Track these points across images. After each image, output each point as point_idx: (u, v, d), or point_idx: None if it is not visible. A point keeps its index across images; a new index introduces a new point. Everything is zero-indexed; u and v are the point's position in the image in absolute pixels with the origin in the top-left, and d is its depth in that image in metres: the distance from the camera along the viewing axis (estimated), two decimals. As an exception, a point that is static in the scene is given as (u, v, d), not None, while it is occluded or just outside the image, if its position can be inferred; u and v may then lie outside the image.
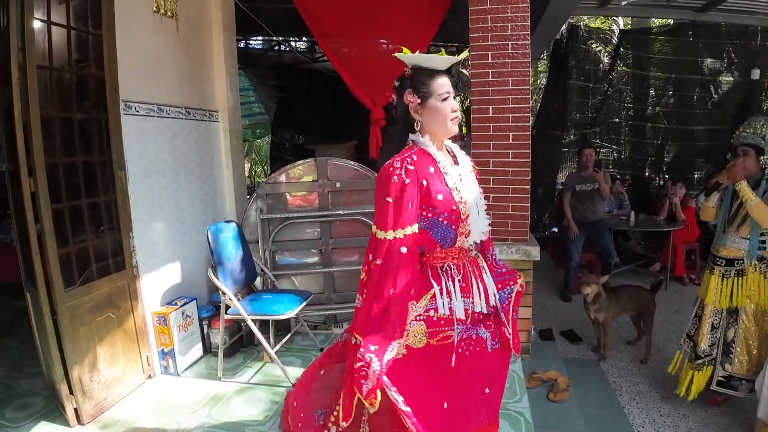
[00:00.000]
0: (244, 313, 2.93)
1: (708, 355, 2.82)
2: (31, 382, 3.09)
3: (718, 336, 2.80)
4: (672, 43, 7.03)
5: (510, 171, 3.18)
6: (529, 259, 3.20)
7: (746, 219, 2.72)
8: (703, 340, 2.83)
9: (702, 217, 3.16)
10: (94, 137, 2.76)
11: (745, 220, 2.73)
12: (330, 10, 4.12)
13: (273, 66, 8.47)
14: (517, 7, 3.09)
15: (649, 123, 7.33)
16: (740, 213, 2.75)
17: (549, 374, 3.08)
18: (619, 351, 3.76)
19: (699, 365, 2.84)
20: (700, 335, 2.85)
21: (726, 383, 2.77)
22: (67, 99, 2.66)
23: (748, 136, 2.78)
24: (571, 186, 5.12)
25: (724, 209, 2.87)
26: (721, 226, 2.89)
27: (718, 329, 2.80)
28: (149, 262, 3.08)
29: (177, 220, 3.36)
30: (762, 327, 2.71)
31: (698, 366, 2.84)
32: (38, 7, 2.43)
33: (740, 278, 2.73)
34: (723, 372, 2.77)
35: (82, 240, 2.69)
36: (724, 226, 2.85)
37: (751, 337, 2.71)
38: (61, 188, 2.56)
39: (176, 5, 3.32)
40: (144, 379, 3.05)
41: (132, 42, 2.94)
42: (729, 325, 2.76)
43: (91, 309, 2.69)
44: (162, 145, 3.21)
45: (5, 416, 2.70)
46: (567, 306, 4.97)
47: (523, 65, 3.11)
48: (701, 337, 2.84)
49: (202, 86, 3.67)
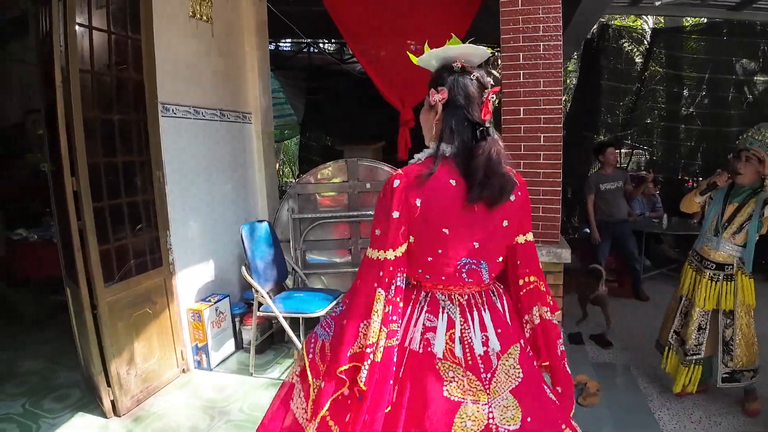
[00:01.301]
0: (276, 311, 2.98)
1: (695, 354, 2.90)
2: (68, 374, 3.21)
3: (705, 336, 2.88)
4: (705, 43, 6.84)
5: (541, 173, 3.16)
6: (560, 261, 3.16)
7: (743, 228, 2.76)
8: (689, 339, 2.90)
9: (682, 207, 3.17)
10: (133, 138, 2.86)
11: (741, 229, 2.77)
12: (359, 12, 4.16)
13: (302, 67, 8.57)
14: (549, 8, 3.07)
15: (683, 124, 7.15)
16: (736, 221, 2.77)
17: (578, 378, 3.04)
18: (650, 357, 3.69)
19: (687, 362, 2.92)
20: (688, 334, 2.92)
21: (730, 378, 2.86)
22: (107, 101, 2.76)
23: (755, 142, 2.75)
24: (594, 186, 4.98)
25: (715, 211, 2.90)
26: (711, 228, 2.91)
27: (705, 329, 2.88)
28: (184, 260, 3.17)
29: (211, 219, 3.44)
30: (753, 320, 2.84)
31: (687, 362, 2.93)
32: (80, 12, 2.53)
33: (728, 282, 2.81)
34: (726, 369, 2.85)
35: (122, 237, 2.79)
36: (716, 229, 2.87)
37: (748, 333, 2.82)
38: (102, 187, 2.66)
39: (212, 10, 3.41)
40: (178, 373, 3.14)
41: (169, 46, 3.03)
42: (726, 326, 2.82)
43: (128, 304, 2.79)
44: (197, 146, 3.30)
45: (43, 407, 2.81)
46: (597, 310, 4.88)
47: (555, 66, 3.09)
48: (688, 336, 2.91)
49: (236, 89, 3.75)
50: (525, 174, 3.17)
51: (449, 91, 1.36)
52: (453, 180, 1.33)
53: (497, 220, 1.41)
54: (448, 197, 1.33)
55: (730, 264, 2.80)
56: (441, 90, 1.36)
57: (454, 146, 1.35)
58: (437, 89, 1.37)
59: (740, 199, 2.79)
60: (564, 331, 3.66)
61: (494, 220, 1.40)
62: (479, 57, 1.42)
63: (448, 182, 1.33)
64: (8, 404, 2.85)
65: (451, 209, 1.34)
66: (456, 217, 1.35)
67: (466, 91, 1.36)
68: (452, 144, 1.35)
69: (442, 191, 1.33)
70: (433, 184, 1.32)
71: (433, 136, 1.42)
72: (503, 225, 1.43)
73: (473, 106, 1.36)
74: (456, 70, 1.38)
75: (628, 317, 4.63)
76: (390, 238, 1.32)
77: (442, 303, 1.41)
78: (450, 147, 1.35)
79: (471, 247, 1.39)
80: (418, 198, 1.31)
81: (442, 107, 1.37)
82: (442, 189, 1.33)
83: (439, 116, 1.38)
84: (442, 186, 1.33)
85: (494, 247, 1.44)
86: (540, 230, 3.22)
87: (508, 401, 1.38)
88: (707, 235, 2.92)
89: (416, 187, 1.31)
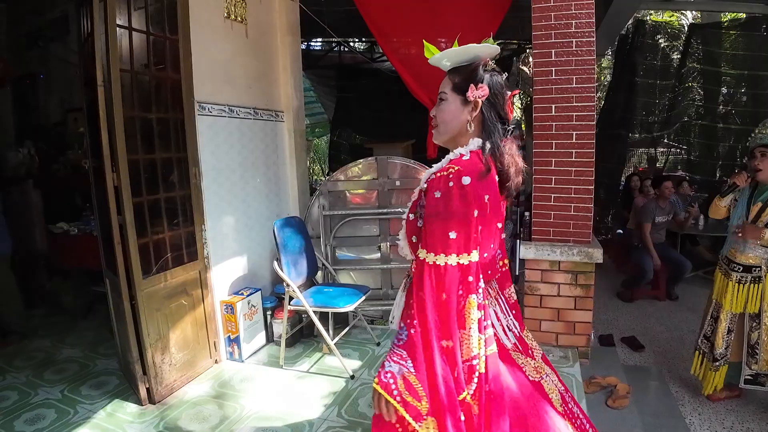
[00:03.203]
0: (307, 305, 3.04)
1: (723, 357, 2.88)
2: (106, 362, 3.34)
3: (732, 338, 2.86)
4: (744, 38, 6.62)
5: (573, 171, 3.13)
6: (592, 261, 3.14)
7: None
8: (719, 342, 2.87)
9: (710, 214, 3.13)
10: (170, 136, 2.95)
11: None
12: (390, 10, 4.18)
13: (333, 66, 8.65)
14: (582, 4, 3.04)
15: (721, 123, 6.94)
16: (762, 220, 2.73)
17: (608, 380, 3.00)
18: (683, 360, 3.61)
19: (717, 366, 2.90)
20: (717, 338, 2.88)
21: (753, 380, 2.85)
22: (146, 100, 2.85)
23: (765, 137, 2.67)
24: (651, 216, 5.04)
25: (740, 212, 2.86)
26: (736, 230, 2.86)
27: (733, 332, 2.86)
28: (219, 254, 3.25)
29: (244, 215, 3.52)
30: None
31: (716, 368, 2.90)
32: (120, 14, 2.61)
33: (756, 285, 2.76)
34: (749, 371, 2.83)
35: (159, 231, 2.88)
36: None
37: None
38: (141, 183, 2.74)
39: (246, 11, 3.48)
40: (211, 363, 3.22)
41: (205, 46, 3.11)
42: (752, 329, 2.80)
43: (165, 296, 2.88)
44: (232, 144, 3.38)
45: (81, 394, 2.93)
46: (629, 312, 4.81)
47: (588, 63, 3.05)
48: (718, 340, 2.88)
49: (269, 88, 3.82)
50: (556, 172, 3.16)
51: (489, 88, 1.37)
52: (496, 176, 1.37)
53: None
54: (496, 192, 1.37)
55: (757, 266, 2.76)
56: (481, 87, 1.36)
57: (491, 142, 1.37)
58: (476, 85, 1.37)
59: (764, 198, 2.74)
60: (595, 333, 3.62)
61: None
62: (490, 55, 1.45)
63: (494, 177, 1.36)
64: (48, 390, 2.97)
65: (499, 203, 1.40)
66: (501, 212, 1.43)
67: (502, 89, 1.40)
68: (491, 140, 1.37)
69: (495, 186, 1.36)
70: (490, 179, 1.34)
71: (470, 132, 1.41)
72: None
73: (504, 105, 1.41)
74: (489, 68, 1.41)
75: (662, 320, 4.54)
76: (473, 239, 1.27)
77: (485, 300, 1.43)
78: (489, 143, 1.37)
79: (500, 237, 1.49)
80: (486, 194, 1.31)
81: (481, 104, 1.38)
82: (494, 184, 1.36)
83: (478, 112, 1.38)
84: (494, 181, 1.36)
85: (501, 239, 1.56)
86: (571, 229, 3.21)
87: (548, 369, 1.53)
88: (733, 238, 2.87)
89: (482, 183, 1.30)
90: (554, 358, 3.20)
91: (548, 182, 3.18)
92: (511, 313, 1.54)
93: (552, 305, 3.29)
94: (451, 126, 1.44)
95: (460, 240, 1.25)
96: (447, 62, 1.44)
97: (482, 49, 1.39)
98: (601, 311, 4.69)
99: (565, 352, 3.25)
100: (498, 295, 1.52)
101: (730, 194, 2.94)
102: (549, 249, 3.19)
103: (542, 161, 3.19)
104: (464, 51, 1.40)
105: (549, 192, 3.19)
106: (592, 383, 2.98)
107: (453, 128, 1.44)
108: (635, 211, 5.30)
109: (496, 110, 1.39)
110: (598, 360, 3.34)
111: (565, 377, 2.94)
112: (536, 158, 3.21)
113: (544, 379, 1.48)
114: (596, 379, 3.02)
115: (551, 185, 3.17)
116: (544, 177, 3.20)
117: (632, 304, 5.00)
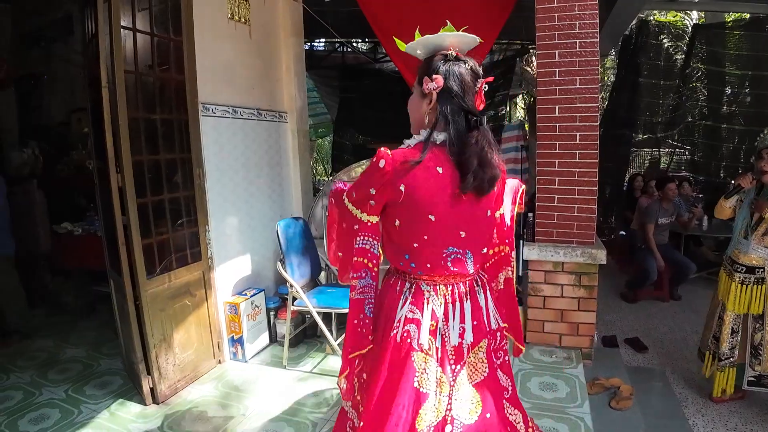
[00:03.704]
0: (310, 306, 3.04)
1: (728, 358, 2.88)
2: (109, 362, 3.34)
3: (738, 340, 2.86)
4: (748, 38, 6.61)
5: (576, 172, 3.13)
6: (595, 262, 3.13)
7: None
8: (724, 342, 2.87)
9: (716, 214, 3.13)
10: (174, 137, 2.95)
11: None
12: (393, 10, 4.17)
13: (336, 67, 8.66)
14: (585, 5, 3.04)
15: (725, 123, 6.92)
16: (765, 222, 2.73)
17: (611, 381, 3.00)
18: (687, 361, 3.60)
19: (721, 366, 2.90)
20: (722, 338, 2.89)
21: (757, 382, 2.85)
22: (150, 101, 2.85)
23: None
24: (655, 217, 5.03)
25: (744, 214, 2.86)
26: (740, 231, 2.87)
27: (738, 333, 2.85)
28: (222, 254, 3.26)
29: (248, 215, 3.52)
30: None
31: (721, 367, 2.91)
32: (124, 15, 2.61)
33: (759, 286, 2.77)
34: (753, 372, 2.83)
35: (163, 232, 2.89)
36: (745, 233, 2.83)
37: None
38: (145, 184, 2.75)
39: (249, 12, 3.48)
40: (214, 363, 3.23)
41: (209, 47, 3.11)
42: (756, 330, 2.79)
43: (169, 296, 2.89)
44: (236, 145, 3.38)
45: (85, 393, 2.94)
46: (632, 313, 4.80)
47: (592, 63, 3.05)
48: (722, 340, 2.88)
49: (273, 88, 3.82)
50: (560, 173, 3.16)
51: (445, 79, 1.34)
52: (440, 168, 1.33)
53: (482, 210, 1.43)
54: (435, 185, 1.33)
55: (760, 267, 2.76)
56: (436, 78, 1.33)
57: (447, 135, 1.34)
58: (431, 77, 1.34)
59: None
60: (598, 334, 3.61)
61: (480, 210, 1.42)
62: (468, 45, 1.42)
63: (435, 170, 1.32)
64: (52, 390, 2.98)
65: (439, 197, 1.34)
66: (443, 205, 1.35)
67: (461, 79, 1.35)
68: (446, 132, 1.34)
69: (428, 178, 1.32)
70: (419, 171, 1.31)
71: (426, 124, 1.40)
72: (487, 215, 1.46)
73: (468, 95, 1.36)
74: (450, 58, 1.37)
75: (666, 321, 4.53)
76: (362, 204, 1.39)
77: (426, 294, 1.42)
78: (443, 135, 1.34)
79: (457, 235, 1.40)
80: (403, 183, 1.31)
81: (436, 95, 1.35)
82: (429, 176, 1.32)
83: (433, 104, 1.37)
84: (429, 173, 1.32)
85: (480, 236, 1.46)
86: (575, 230, 3.20)
87: (469, 395, 1.42)
88: (738, 238, 2.88)
89: (403, 172, 1.31)
90: (557, 359, 3.19)
91: (552, 183, 3.18)
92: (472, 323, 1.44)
93: (555, 306, 3.29)
94: (413, 118, 1.46)
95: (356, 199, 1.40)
96: (419, 52, 1.43)
97: (435, 39, 1.38)
98: (605, 312, 4.68)
99: (569, 353, 3.25)
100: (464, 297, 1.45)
101: (735, 195, 2.94)
102: (552, 250, 3.18)
103: (545, 162, 3.19)
104: (424, 42, 1.39)
105: (552, 193, 3.19)
106: (596, 384, 2.98)
107: (416, 120, 1.45)
108: (639, 212, 5.29)
109: (456, 101, 1.34)
110: (601, 361, 3.33)
111: (569, 378, 2.94)
112: (540, 159, 3.21)
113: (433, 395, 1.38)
114: (599, 380, 3.02)
115: (555, 186, 3.17)
116: (547, 178, 3.20)
117: (636, 305, 4.99)
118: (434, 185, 1.33)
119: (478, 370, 1.44)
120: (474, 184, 1.34)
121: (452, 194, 1.34)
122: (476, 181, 1.34)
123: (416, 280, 1.44)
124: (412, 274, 1.44)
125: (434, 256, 1.40)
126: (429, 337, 1.39)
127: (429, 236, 1.37)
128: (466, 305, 1.45)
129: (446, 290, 1.43)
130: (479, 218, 1.43)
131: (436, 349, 1.40)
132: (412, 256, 1.41)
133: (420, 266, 1.41)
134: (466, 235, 1.40)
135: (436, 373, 1.39)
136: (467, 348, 1.43)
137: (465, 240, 1.41)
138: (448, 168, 1.33)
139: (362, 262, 1.41)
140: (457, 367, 1.41)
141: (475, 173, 1.33)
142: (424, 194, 1.32)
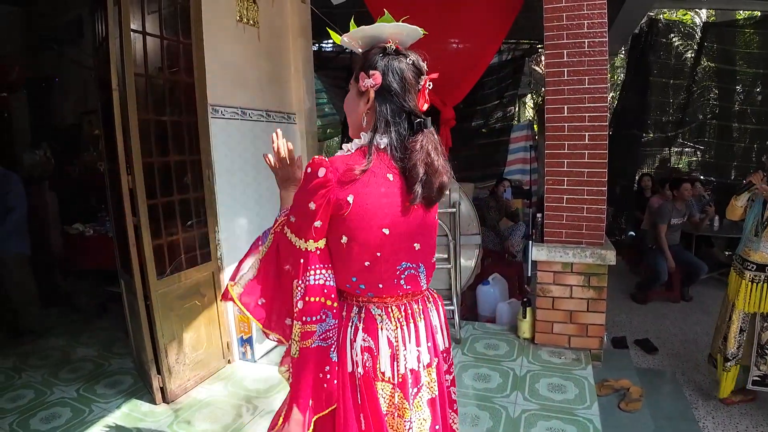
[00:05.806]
0: (318, 306, 3.04)
1: (735, 357, 2.86)
2: (120, 361, 3.37)
3: (744, 338, 2.84)
4: (759, 36, 6.54)
5: (585, 172, 3.11)
6: (605, 263, 3.12)
7: None
8: (731, 342, 2.86)
9: (727, 215, 3.12)
10: (184, 138, 2.97)
11: None
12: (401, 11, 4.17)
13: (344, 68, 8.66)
14: (594, 4, 3.02)
15: (736, 122, 6.85)
16: None
17: (621, 383, 2.99)
18: (697, 364, 3.57)
19: (728, 367, 2.88)
20: (729, 337, 2.88)
21: (761, 382, 2.83)
22: (160, 103, 2.88)
23: None
24: (668, 218, 5.00)
25: (756, 212, 2.85)
26: (751, 229, 2.86)
27: (745, 332, 2.84)
28: (232, 255, 3.27)
29: (257, 216, 3.54)
30: None
31: (727, 368, 2.89)
32: (134, 18, 2.64)
33: None
34: (758, 372, 2.82)
35: (173, 233, 2.91)
36: (755, 230, 2.82)
37: None
38: (156, 185, 2.77)
39: (258, 14, 3.50)
40: (224, 363, 3.24)
41: (218, 50, 3.13)
42: (763, 329, 2.78)
43: (179, 296, 2.91)
44: (245, 146, 3.40)
45: (96, 392, 2.97)
46: (643, 314, 4.77)
47: (600, 63, 3.04)
48: (730, 340, 2.87)
49: (281, 90, 3.83)
50: (569, 173, 3.15)
51: (383, 75, 1.20)
52: (390, 174, 1.19)
53: (431, 218, 1.31)
54: (386, 194, 1.18)
55: None
56: (373, 74, 1.19)
57: (389, 138, 1.19)
58: (368, 73, 1.20)
59: None
60: (608, 335, 3.59)
61: (431, 216, 1.30)
62: (412, 38, 1.28)
63: (385, 177, 1.18)
64: (63, 389, 3.01)
65: (391, 207, 1.19)
66: (396, 216, 1.20)
67: (401, 75, 1.21)
68: (387, 135, 1.20)
69: (379, 187, 1.17)
70: (368, 178, 1.16)
71: (364, 126, 1.25)
72: (436, 220, 1.34)
73: (409, 94, 1.22)
74: (389, 52, 1.23)
75: (676, 322, 4.50)
76: (304, 229, 1.20)
77: (378, 320, 1.26)
78: (385, 138, 1.19)
79: (411, 249, 1.27)
80: (351, 193, 1.15)
81: (374, 94, 1.21)
82: (379, 184, 1.17)
83: (371, 104, 1.22)
84: (379, 181, 1.17)
85: (430, 247, 1.34)
86: (584, 231, 3.19)
87: (425, 413, 1.32)
88: (748, 236, 2.87)
89: (347, 182, 1.14)
90: (566, 360, 3.18)
91: (560, 183, 3.17)
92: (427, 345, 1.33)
93: (564, 307, 3.28)
94: (351, 120, 1.30)
95: (296, 224, 1.22)
96: (360, 43, 1.28)
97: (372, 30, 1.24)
98: (615, 313, 4.66)
99: (578, 355, 3.23)
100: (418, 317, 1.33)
101: (746, 192, 2.93)
102: (561, 251, 3.17)
103: (554, 162, 3.18)
104: (361, 33, 1.25)
105: (561, 193, 3.18)
106: (605, 386, 2.97)
107: (353, 122, 1.29)
108: (650, 212, 5.25)
109: (398, 101, 1.20)
110: (610, 362, 3.31)
111: (578, 380, 2.93)
112: (548, 159, 3.20)
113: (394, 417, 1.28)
114: (609, 381, 3.00)
115: (563, 186, 3.16)
116: (556, 178, 3.19)
117: (646, 306, 4.96)
118: (386, 194, 1.18)
119: (430, 388, 1.34)
120: (423, 195, 1.21)
121: (403, 203, 1.21)
122: (425, 191, 1.21)
123: (365, 303, 1.28)
124: (361, 297, 1.28)
125: (387, 274, 1.24)
126: (387, 364, 1.25)
127: (383, 252, 1.22)
128: (420, 325, 1.32)
129: (399, 312, 1.28)
130: (430, 226, 1.31)
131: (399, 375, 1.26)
132: (362, 276, 1.24)
133: (370, 287, 1.25)
134: (420, 248, 1.28)
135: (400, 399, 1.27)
136: (424, 369, 1.32)
137: (418, 253, 1.28)
138: (398, 175, 1.20)
139: (319, 302, 1.20)
140: (414, 390, 1.30)
141: (423, 183, 1.20)
142: (375, 204, 1.17)
